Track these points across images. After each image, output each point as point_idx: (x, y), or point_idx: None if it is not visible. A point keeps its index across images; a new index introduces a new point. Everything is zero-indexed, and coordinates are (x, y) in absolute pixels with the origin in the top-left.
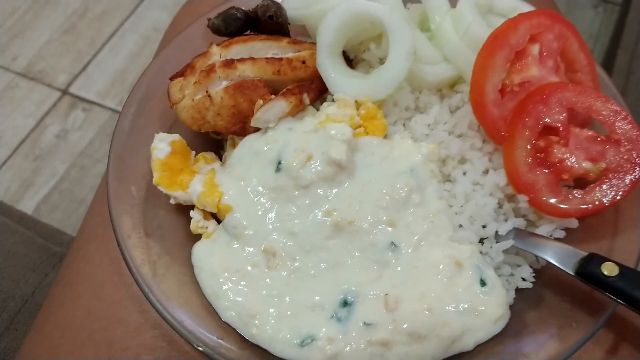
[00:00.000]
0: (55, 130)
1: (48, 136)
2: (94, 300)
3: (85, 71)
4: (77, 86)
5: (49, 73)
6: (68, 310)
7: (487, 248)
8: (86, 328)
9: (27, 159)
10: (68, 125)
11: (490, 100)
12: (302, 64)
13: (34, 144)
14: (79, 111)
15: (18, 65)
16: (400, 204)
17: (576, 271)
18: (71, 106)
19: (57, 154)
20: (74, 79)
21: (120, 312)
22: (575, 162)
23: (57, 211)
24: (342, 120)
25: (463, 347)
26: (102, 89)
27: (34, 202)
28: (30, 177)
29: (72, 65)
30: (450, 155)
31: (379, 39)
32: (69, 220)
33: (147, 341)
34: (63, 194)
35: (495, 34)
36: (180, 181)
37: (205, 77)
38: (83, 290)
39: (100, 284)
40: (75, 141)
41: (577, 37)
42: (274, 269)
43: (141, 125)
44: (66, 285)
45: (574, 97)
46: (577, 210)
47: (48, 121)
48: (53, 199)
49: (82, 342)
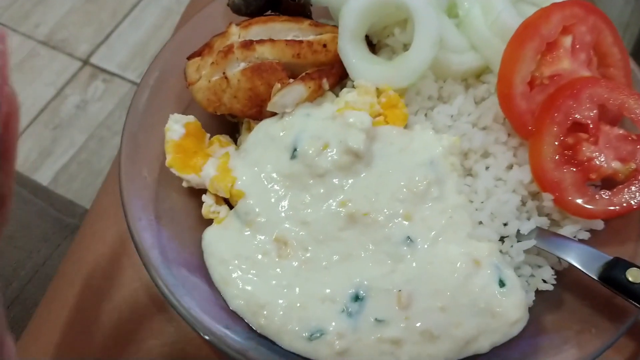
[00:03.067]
0: (75, 101)
1: (68, 106)
2: (103, 281)
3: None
4: (98, 57)
5: (71, 42)
6: (77, 289)
7: (507, 247)
8: (94, 308)
9: (46, 128)
10: (88, 95)
11: (519, 92)
12: (323, 48)
13: (53, 113)
14: (99, 82)
15: (40, 33)
16: (418, 197)
17: (600, 275)
18: (92, 77)
19: (76, 124)
20: (95, 50)
21: (128, 294)
22: (604, 161)
23: (75, 181)
24: (361, 108)
25: (478, 349)
26: (123, 60)
27: (52, 171)
28: (49, 146)
29: (93, 36)
30: (472, 149)
31: (403, 24)
32: (86, 190)
33: (154, 325)
34: (81, 164)
35: (526, 23)
36: (193, 164)
37: (223, 58)
38: (93, 270)
39: (110, 264)
40: (94, 112)
41: (612, 30)
42: (285, 259)
43: (156, 105)
44: (76, 262)
45: (606, 94)
46: (604, 211)
47: (68, 91)
48: (71, 169)
49: (90, 322)
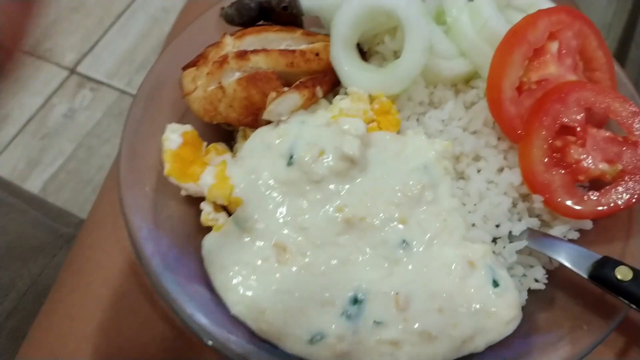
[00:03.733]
0: (62, 110)
1: (55, 115)
2: (104, 289)
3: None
4: (85, 66)
5: (57, 52)
6: (77, 299)
7: (500, 248)
8: (95, 317)
9: (34, 138)
10: (76, 104)
11: (507, 97)
12: (316, 56)
13: (41, 122)
14: (87, 91)
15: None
16: (413, 201)
17: (590, 274)
18: (79, 85)
19: (64, 133)
20: (82, 58)
21: (130, 303)
22: (592, 163)
23: (64, 190)
24: (355, 115)
25: (474, 348)
26: (111, 69)
27: (40, 180)
28: (37, 155)
29: (80, 44)
30: (464, 153)
31: (393, 32)
32: (76, 199)
33: (156, 332)
34: (70, 173)
35: (514, 30)
36: (191, 172)
37: (218, 68)
38: (92, 279)
39: (110, 273)
40: (82, 121)
41: (597, 35)
42: (284, 264)
43: (153, 114)
44: (75, 272)
45: (592, 97)
46: (593, 212)
47: (55, 100)
48: (60, 179)
49: (91, 331)
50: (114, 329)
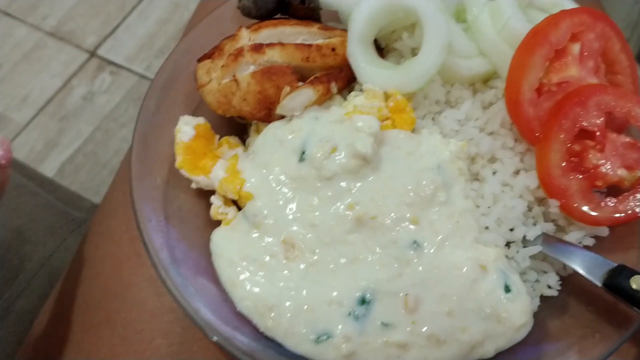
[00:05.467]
0: (81, 92)
1: (74, 97)
2: (112, 280)
3: (114, 34)
4: (105, 49)
5: (78, 34)
6: (86, 288)
7: (513, 252)
8: (103, 308)
9: (53, 119)
10: (95, 87)
11: (526, 99)
12: (332, 52)
13: (60, 104)
14: (106, 74)
15: (47, 24)
16: (425, 201)
17: (604, 282)
18: (99, 69)
19: (82, 115)
20: (103, 42)
21: (137, 294)
22: (611, 169)
23: (80, 173)
24: (369, 112)
25: (483, 354)
26: (130, 53)
27: (58, 162)
28: (55, 137)
29: (101, 28)
30: (480, 154)
31: (412, 29)
32: (92, 182)
33: (162, 325)
34: (87, 156)
35: (535, 30)
36: (203, 165)
37: (233, 61)
38: (101, 268)
39: (118, 263)
40: (101, 104)
41: (620, 37)
42: (293, 261)
43: (166, 106)
44: (85, 261)
45: (613, 101)
46: (609, 218)
47: (75, 82)
48: (77, 161)
49: (98, 321)
50: (120, 320)
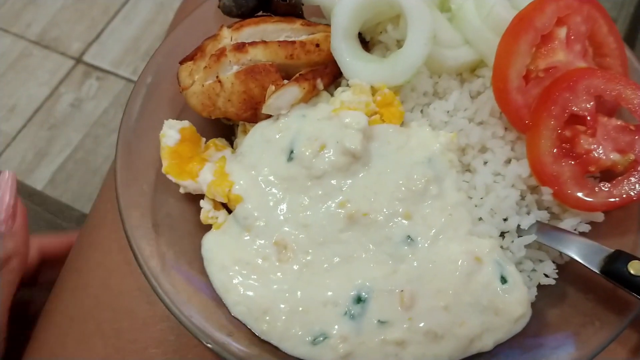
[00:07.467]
0: (69, 99)
1: (62, 105)
2: (103, 290)
3: (99, 39)
4: (90, 54)
5: (63, 41)
6: (77, 299)
7: (508, 242)
8: (94, 318)
9: (42, 128)
10: (82, 94)
11: (514, 87)
12: (316, 48)
13: (48, 113)
14: (93, 80)
15: (32, 32)
16: (417, 195)
17: (601, 269)
18: (85, 75)
19: (71, 123)
20: (88, 47)
21: (128, 303)
22: (603, 153)
23: (72, 180)
24: (357, 108)
25: (482, 347)
26: (116, 57)
27: (49, 171)
28: (45, 146)
29: (86, 33)
30: (470, 144)
31: (396, 20)
32: (84, 189)
33: (155, 334)
34: (78, 163)
35: (520, 16)
36: (190, 169)
37: (215, 61)
38: (92, 279)
39: (108, 272)
40: (89, 110)
41: (607, 19)
42: (286, 263)
43: (150, 110)
44: (75, 272)
45: (603, 84)
46: (604, 203)
47: (62, 90)
48: (68, 169)
49: (90, 332)
50: (112, 331)
